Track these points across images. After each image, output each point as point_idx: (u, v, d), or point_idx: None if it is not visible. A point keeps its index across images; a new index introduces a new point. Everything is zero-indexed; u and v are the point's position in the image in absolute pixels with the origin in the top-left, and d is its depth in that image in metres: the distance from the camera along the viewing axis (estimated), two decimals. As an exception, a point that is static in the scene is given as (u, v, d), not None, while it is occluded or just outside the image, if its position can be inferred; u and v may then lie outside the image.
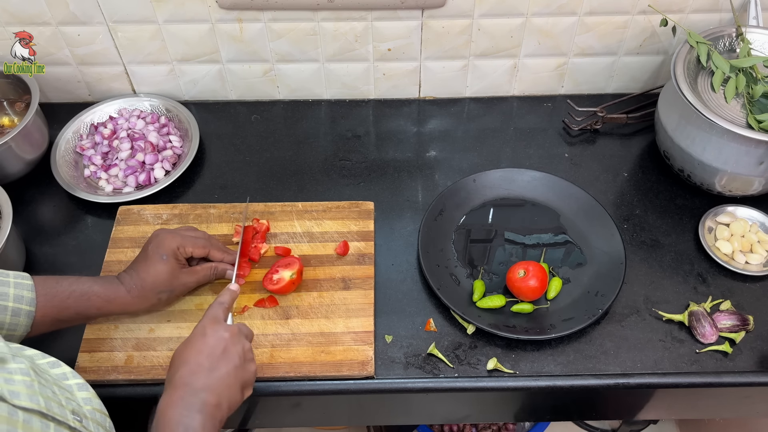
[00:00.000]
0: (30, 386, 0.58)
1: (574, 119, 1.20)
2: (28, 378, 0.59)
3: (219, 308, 0.80)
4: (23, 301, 0.77)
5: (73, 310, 0.81)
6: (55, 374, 0.67)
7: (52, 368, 0.68)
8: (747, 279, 0.99)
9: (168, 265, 0.87)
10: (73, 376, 0.69)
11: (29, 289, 0.78)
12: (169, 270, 0.87)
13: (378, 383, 0.88)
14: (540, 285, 0.92)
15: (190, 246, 0.89)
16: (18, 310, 0.76)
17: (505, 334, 0.90)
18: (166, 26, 1.12)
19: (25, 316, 0.77)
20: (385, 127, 1.22)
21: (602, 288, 0.95)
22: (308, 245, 1.00)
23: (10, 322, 0.76)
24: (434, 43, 1.16)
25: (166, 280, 0.87)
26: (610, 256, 0.98)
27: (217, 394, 0.70)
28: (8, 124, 1.16)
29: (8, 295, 0.76)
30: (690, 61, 1.03)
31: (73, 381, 0.68)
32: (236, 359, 0.74)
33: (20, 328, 0.77)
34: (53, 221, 1.08)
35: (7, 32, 1.11)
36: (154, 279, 0.86)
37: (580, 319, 0.92)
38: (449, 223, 1.04)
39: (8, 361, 0.59)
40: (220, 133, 1.21)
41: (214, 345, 0.73)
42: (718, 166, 0.99)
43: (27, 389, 0.57)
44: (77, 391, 0.67)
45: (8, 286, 0.77)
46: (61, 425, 0.58)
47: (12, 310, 0.76)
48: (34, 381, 0.59)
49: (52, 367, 0.69)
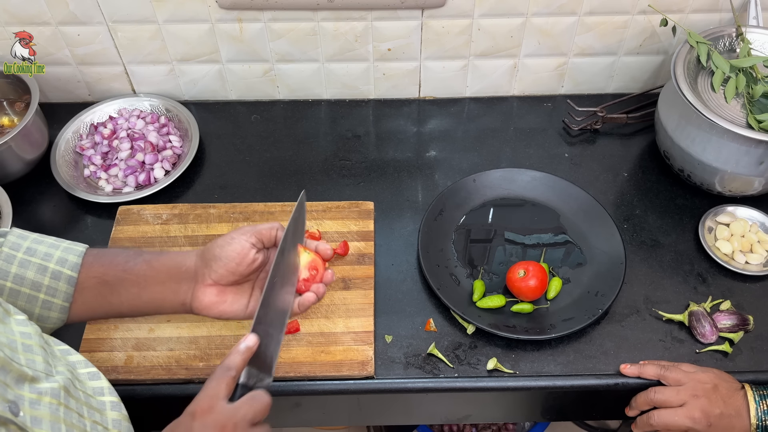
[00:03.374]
0: (55, 412, 0.56)
1: (574, 119, 1.20)
2: (55, 401, 0.56)
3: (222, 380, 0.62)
4: (66, 265, 0.73)
5: (120, 267, 0.75)
6: (92, 387, 0.64)
7: (91, 380, 0.65)
8: (747, 279, 0.99)
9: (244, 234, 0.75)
10: (110, 392, 0.66)
11: (77, 255, 0.74)
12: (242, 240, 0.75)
13: (378, 383, 0.88)
14: (540, 285, 0.92)
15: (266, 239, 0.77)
16: (58, 273, 0.73)
17: (505, 334, 0.90)
18: (166, 26, 1.12)
19: (65, 281, 0.73)
20: (385, 127, 1.22)
21: (602, 288, 0.95)
22: (308, 245, 1.00)
23: (48, 285, 0.72)
24: (434, 43, 1.16)
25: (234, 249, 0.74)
26: (610, 256, 0.98)
27: None
28: (8, 124, 1.16)
29: (52, 257, 0.73)
30: (690, 61, 1.03)
31: (108, 398, 0.65)
32: None
33: (59, 294, 0.73)
34: (53, 221, 1.08)
35: (7, 32, 1.11)
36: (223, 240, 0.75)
37: (580, 319, 0.92)
38: (449, 223, 1.04)
39: (41, 381, 0.57)
40: (220, 133, 1.21)
41: None
42: (718, 166, 0.99)
43: (51, 415, 0.55)
44: (109, 410, 0.64)
45: (57, 248, 0.74)
46: None
47: (52, 271, 0.72)
48: (61, 405, 0.57)
49: (92, 379, 0.65)
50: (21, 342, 0.60)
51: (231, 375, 0.62)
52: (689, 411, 0.81)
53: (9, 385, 0.54)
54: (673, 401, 0.82)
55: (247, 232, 0.76)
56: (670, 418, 0.82)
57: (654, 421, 0.83)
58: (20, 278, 0.72)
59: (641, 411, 0.87)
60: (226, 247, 0.74)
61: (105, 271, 0.75)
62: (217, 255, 0.74)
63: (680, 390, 0.83)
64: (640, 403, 0.86)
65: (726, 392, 0.82)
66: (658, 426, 0.83)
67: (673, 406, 0.82)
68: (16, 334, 0.61)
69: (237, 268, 0.74)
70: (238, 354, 0.64)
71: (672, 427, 0.82)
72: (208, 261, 0.75)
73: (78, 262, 0.74)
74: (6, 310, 0.63)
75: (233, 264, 0.74)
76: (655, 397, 0.84)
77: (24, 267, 0.72)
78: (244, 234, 0.75)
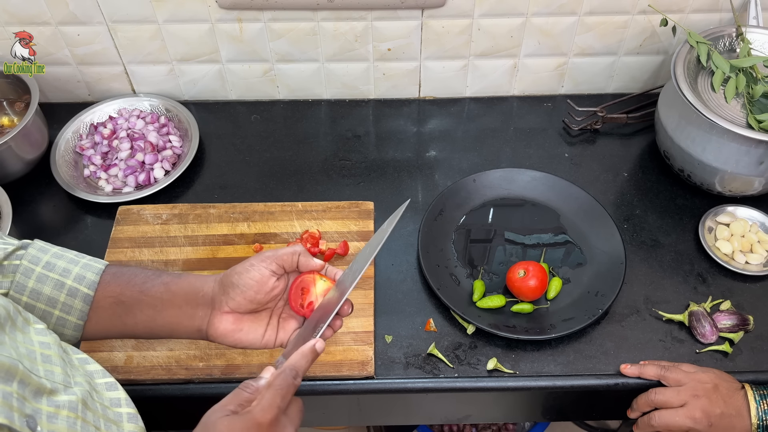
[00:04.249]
0: (72, 426, 0.55)
1: (574, 119, 1.20)
2: (73, 415, 0.56)
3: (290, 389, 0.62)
4: (83, 282, 0.72)
5: (137, 288, 0.73)
6: (109, 398, 0.64)
7: (109, 390, 0.65)
8: (747, 279, 0.99)
9: (264, 262, 0.73)
10: (127, 404, 0.65)
11: (95, 272, 0.73)
12: (263, 268, 0.72)
13: (378, 383, 0.88)
14: (540, 285, 0.92)
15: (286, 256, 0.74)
16: (75, 290, 0.71)
17: (505, 334, 0.90)
18: (166, 26, 1.12)
19: (81, 299, 0.71)
20: (385, 127, 1.22)
21: (602, 288, 0.95)
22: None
23: (63, 302, 0.71)
24: (434, 42, 1.16)
25: (254, 278, 0.72)
26: (610, 256, 0.98)
27: None
28: (8, 124, 1.16)
29: (70, 273, 0.71)
30: (690, 61, 1.03)
31: (125, 410, 0.64)
32: None
33: (74, 312, 0.71)
34: (53, 221, 1.08)
35: (7, 32, 1.11)
36: (242, 267, 0.73)
37: (580, 319, 0.92)
38: (449, 223, 1.04)
39: (59, 393, 0.57)
40: (220, 133, 1.20)
41: None
42: (718, 166, 0.99)
43: (68, 429, 0.55)
44: (126, 422, 0.63)
45: (76, 264, 0.72)
46: None
47: (69, 288, 0.71)
48: (78, 418, 0.56)
49: (109, 389, 0.65)
50: (40, 352, 0.60)
51: (297, 384, 0.62)
52: (690, 411, 0.81)
53: (27, 399, 0.53)
54: (674, 402, 0.82)
55: (267, 258, 0.73)
56: (671, 418, 0.82)
57: (655, 422, 0.83)
58: (37, 293, 0.71)
59: (642, 412, 0.87)
60: (245, 275, 0.72)
61: (122, 291, 0.73)
62: (235, 282, 0.72)
63: (681, 390, 0.83)
64: (641, 404, 0.86)
65: (726, 392, 0.82)
66: (659, 427, 0.83)
67: (673, 407, 0.83)
68: (35, 344, 0.60)
69: (255, 296, 0.72)
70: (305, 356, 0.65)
71: (673, 427, 0.82)
72: (225, 288, 0.72)
73: (96, 280, 0.72)
74: (26, 319, 0.63)
75: (251, 292, 0.72)
76: (656, 398, 0.84)
77: (41, 282, 0.71)
78: (264, 261, 0.72)
